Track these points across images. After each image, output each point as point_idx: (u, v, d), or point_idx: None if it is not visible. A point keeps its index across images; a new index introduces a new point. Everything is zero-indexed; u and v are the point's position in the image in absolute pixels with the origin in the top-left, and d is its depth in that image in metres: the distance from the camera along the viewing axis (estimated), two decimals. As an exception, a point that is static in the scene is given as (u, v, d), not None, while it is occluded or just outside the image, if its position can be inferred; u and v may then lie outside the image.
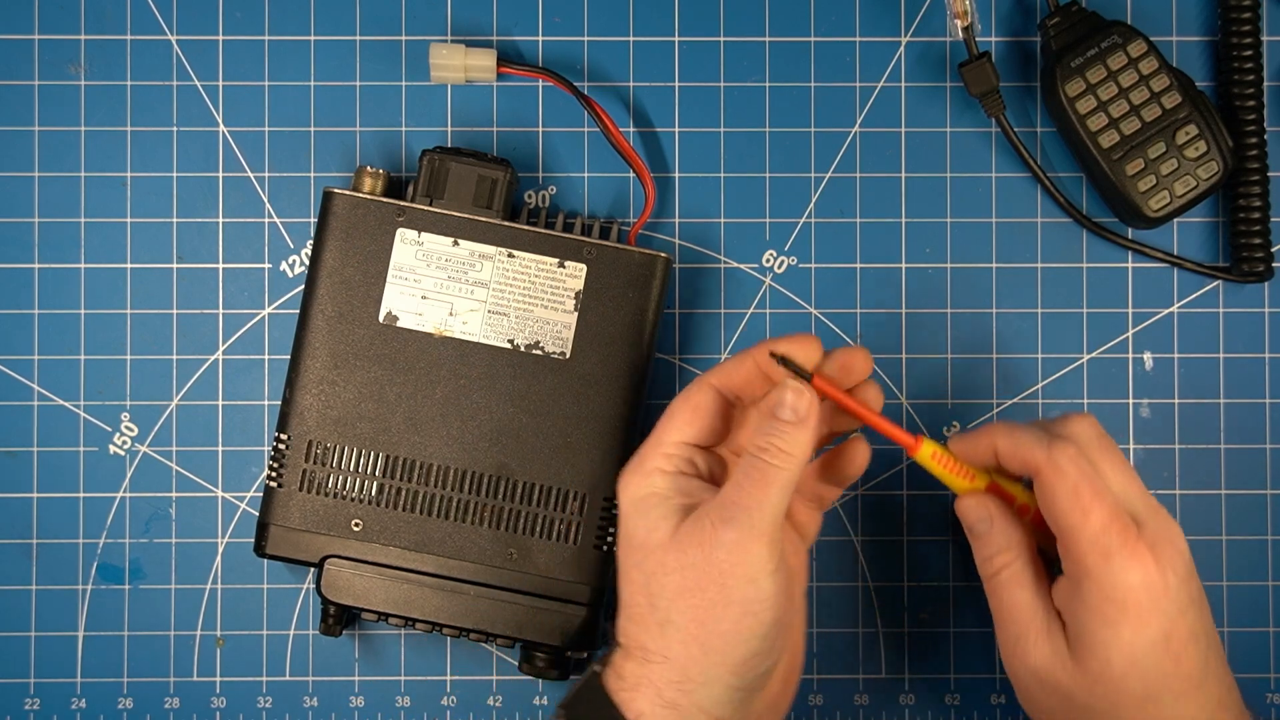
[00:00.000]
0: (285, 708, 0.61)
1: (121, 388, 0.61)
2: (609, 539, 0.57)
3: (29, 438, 0.60)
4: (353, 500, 0.56)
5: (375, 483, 0.56)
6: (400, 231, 0.56)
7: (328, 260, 0.56)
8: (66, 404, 0.61)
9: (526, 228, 0.57)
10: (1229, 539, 0.62)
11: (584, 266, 0.57)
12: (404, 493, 0.56)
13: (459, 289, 0.57)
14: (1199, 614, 0.49)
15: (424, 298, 0.56)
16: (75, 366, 0.60)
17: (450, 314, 0.57)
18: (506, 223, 0.57)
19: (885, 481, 0.62)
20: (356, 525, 0.56)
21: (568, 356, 0.57)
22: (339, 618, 0.57)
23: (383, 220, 0.56)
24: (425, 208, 0.57)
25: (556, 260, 0.57)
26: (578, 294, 0.57)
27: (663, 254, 0.57)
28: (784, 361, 0.49)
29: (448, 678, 0.61)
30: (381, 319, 0.56)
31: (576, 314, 0.57)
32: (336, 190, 0.57)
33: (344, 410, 0.56)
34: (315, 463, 0.56)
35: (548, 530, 0.56)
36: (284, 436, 0.56)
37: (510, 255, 0.57)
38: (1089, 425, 0.51)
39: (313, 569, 0.57)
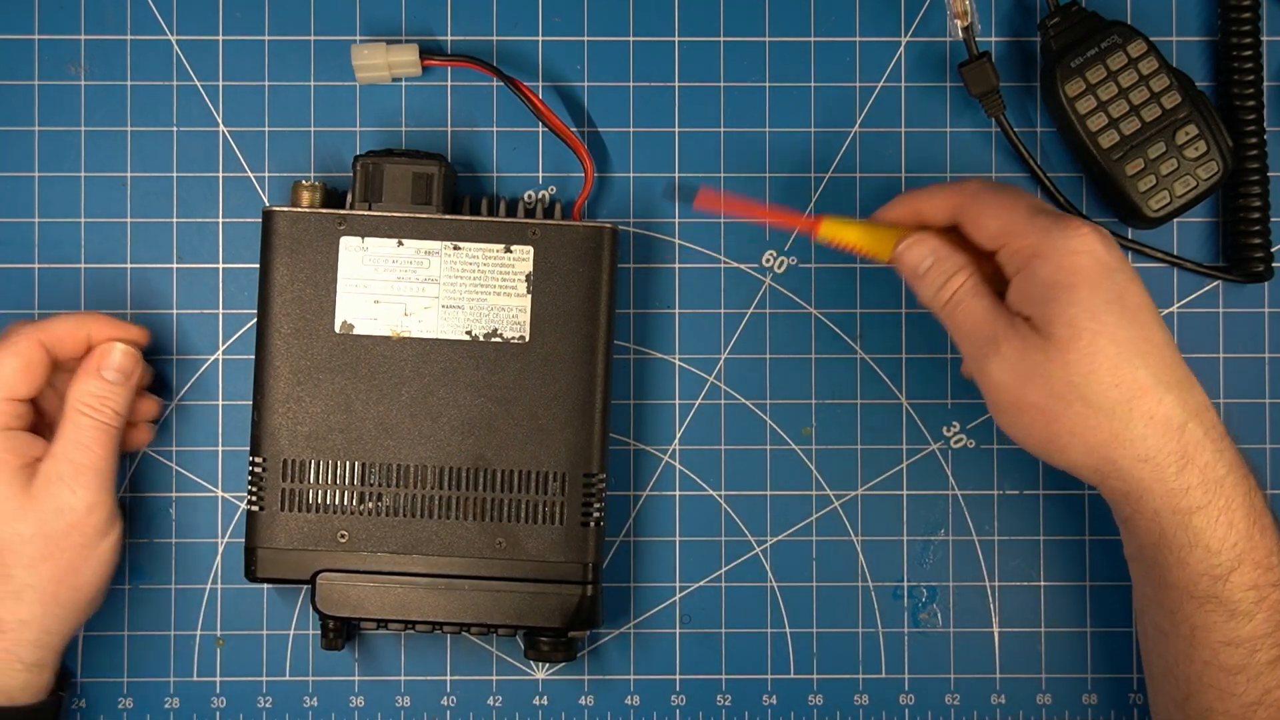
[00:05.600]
0: (285, 708, 0.61)
1: (121, 388, 0.60)
2: (595, 514, 0.57)
3: (29, 438, 0.60)
4: (336, 512, 0.56)
5: (355, 492, 0.56)
6: (344, 240, 0.56)
7: (276, 279, 0.56)
8: (66, 404, 0.60)
9: (468, 218, 0.57)
10: (1229, 539, 0.61)
11: (530, 248, 0.57)
12: (384, 498, 0.56)
13: (410, 288, 0.57)
14: (1144, 290, 0.52)
15: (376, 302, 0.57)
16: (75, 366, 0.60)
17: (405, 314, 0.57)
18: (447, 216, 0.57)
19: (885, 481, 0.62)
20: (343, 537, 0.56)
21: (527, 340, 0.57)
22: (339, 630, 0.57)
23: (325, 231, 0.57)
24: (364, 213, 0.57)
25: (502, 246, 0.57)
26: (528, 276, 0.57)
27: (608, 224, 0.57)
28: (672, 190, 0.50)
29: (447, 678, 0.61)
30: (338, 329, 0.56)
31: (530, 296, 0.57)
32: (276, 208, 0.57)
33: (314, 425, 0.56)
34: (294, 480, 0.56)
35: (533, 514, 0.56)
36: (259, 459, 0.56)
37: (456, 248, 0.57)
38: (979, 180, 0.55)
39: (304, 586, 0.58)
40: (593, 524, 0.57)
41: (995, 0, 0.62)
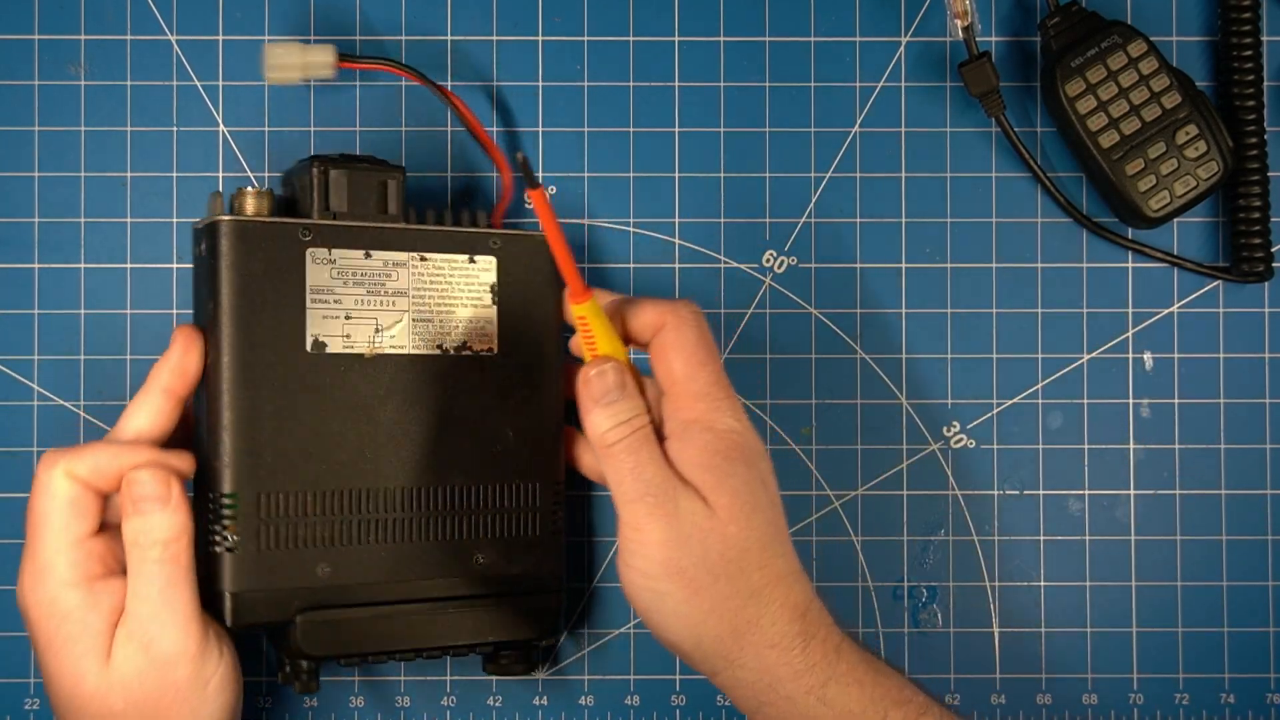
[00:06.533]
0: (285, 708, 0.61)
1: (121, 388, 0.60)
2: (560, 522, 0.56)
3: (29, 438, 0.60)
4: (316, 545, 0.52)
5: (336, 521, 0.52)
6: (310, 252, 0.52)
7: (232, 299, 0.51)
8: (66, 404, 0.61)
9: (433, 228, 0.55)
10: (1229, 539, 0.62)
11: (493, 259, 0.56)
12: (364, 525, 0.53)
13: (380, 302, 0.54)
14: (775, 479, 0.52)
15: (348, 318, 0.53)
16: (75, 366, 0.60)
17: (376, 330, 0.53)
18: (414, 226, 0.55)
19: (885, 481, 0.62)
20: (324, 570, 0.52)
21: (495, 351, 0.55)
22: (314, 672, 0.54)
23: (288, 242, 0.52)
24: (333, 222, 0.53)
25: (466, 256, 0.55)
26: (493, 287, 0.56)
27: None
28: (524, 164, 0.47)
29: (447, 678, 0.61)
30: (309, 348, 0.52)
31: (495, 307, 0.56)
32: (225, 218, 0.51)
33: (289, 453, 0.52)
34: (271, 514, 0.51)
35: (508, 528, 0.55)
36: (228, 495, 0.51)
37: (423, 259, 0.54)
38: (696, 308, 0.53)
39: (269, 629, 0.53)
40: (559, 532, 0.56)
41: (995, 0, 0.62)
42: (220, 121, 0.61)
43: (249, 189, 0.53)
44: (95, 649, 0.49)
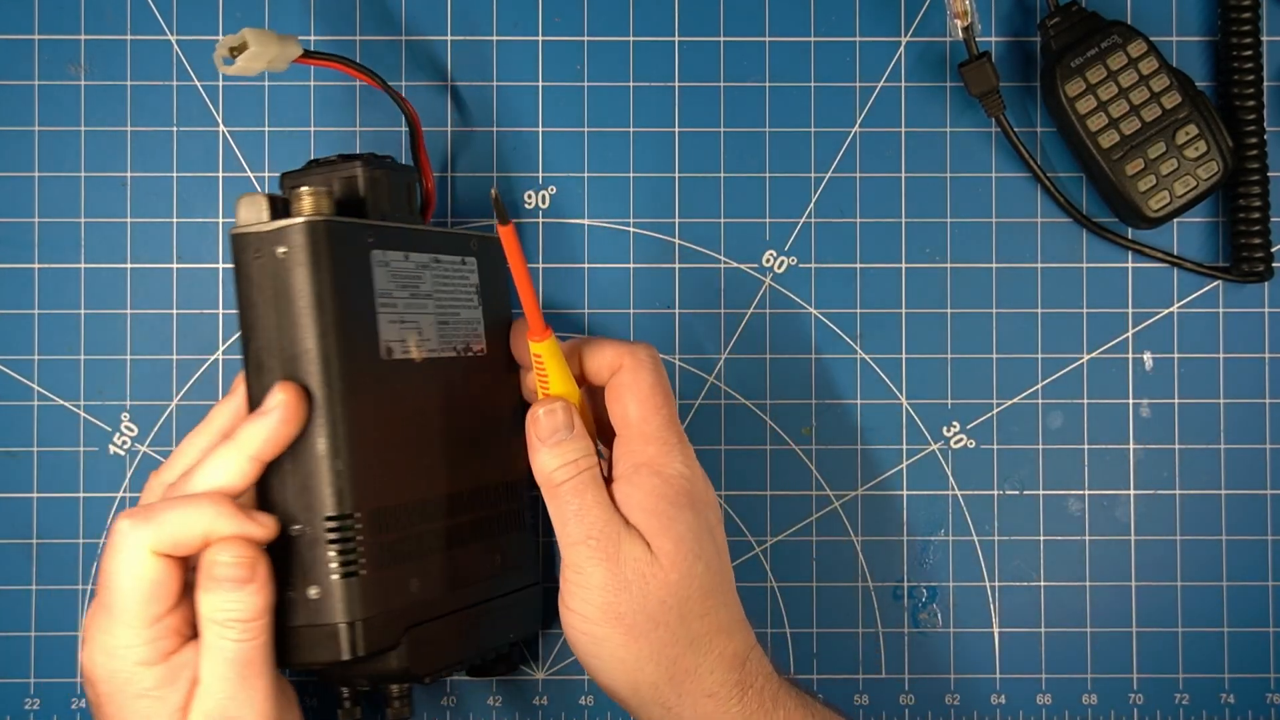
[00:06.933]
0: None
1: (121, 388, 0.61)
2: (537, 514, 0.57)
3: (29, 438, 0.61)
4: (408, 560, 0.50)
5: (425, 531, 0.51)
6: (374, 254, 0.50)
7: (332, 305, 0.48)
8: (66, 404, 0.61)
9: (436, 229, 0.55)
10: (1229, 539, 0.62)
11: (475, 259, 0.56)
12: (435, 533, 0.51)
13: (418, 304, 0.53)
14: (723, 528, 0.53)
15: (403, 322, 0.51)
16: (75, 366, 0.61)
17: (419, 333, 0.52)
18: (432, 228, 0.54)
19: (885, 481, 0.62)
20: (415, 585, 0.50)
21: (485, 352, 0.55)
22: (409, 695, 0.53)
23: (359, 246, 0.50)
24: (390, 224, 0.52)
25: (459, 258, 0.55)
26: (477, 287, 0.56)
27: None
28: (496, 201, 0.47)
29: (447, 677, 0.61)
30: (383, 354, 0.50)
31: (480, 308, 0.56)
32: (316, 218, 0.48)
33: (388, 464, 0.49)
34: (385, 532, 0.49)
35: (511, 524, 0.56)
36: (342, 517, 0.47)
37: (437, 260, 0.54)
38: (653, 350, 0.53)
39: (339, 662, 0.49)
40: (537, 525, 0.57)
41: (995, 0, 0.62)
42: (220, 121, 0.61)
43: (308, 189, 0.49)
44: None
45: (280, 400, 0.46)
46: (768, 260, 0.62)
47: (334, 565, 0.47)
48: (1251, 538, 0.62)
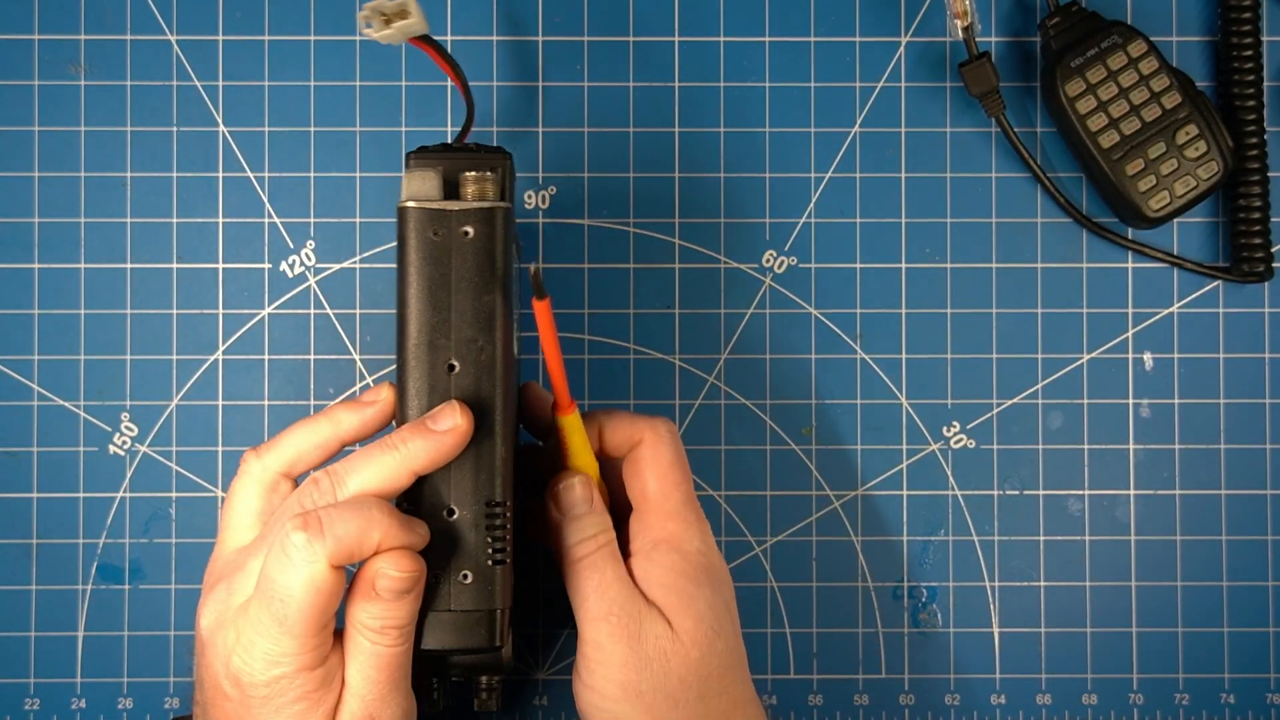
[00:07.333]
0: None
1: (121, 388, 0.61)
2: None
3: (29, 438, 0.61)
4: (517, 550, 0.50)
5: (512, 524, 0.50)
6: (513, 246, 0.50)
7: (506, 290, 0.48)
8: (66, 404, 0.61)
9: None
10: (1229, 539, 0.62)
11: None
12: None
13: (516, 303, 0.52)
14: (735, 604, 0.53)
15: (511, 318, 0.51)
16: (75, 366, 0.61)
17: (517, 330, 0.52)
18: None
19: (885, 481, 0.62)
20: (513, 577, 0.50)
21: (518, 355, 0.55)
22: (498, 687, 0.53)
23: (511, 236, 0.49)
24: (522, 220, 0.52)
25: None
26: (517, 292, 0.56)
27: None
28: (535, 277, 0.45)
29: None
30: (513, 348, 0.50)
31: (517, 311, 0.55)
32: (499, 204, 0.48)
33: (511, 456, 0.49)
34: (517, 520, 0.49)
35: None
36: (499, 505, 0.47)
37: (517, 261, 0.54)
38: (672, 425, 0.53)
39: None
40: None
41: (995, 0, 0.62)
42: (220, 121, 0.61)
43: (477, 173, 0.48)
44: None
45: (454, 426, 0.46)
46: (768, 260, 0.62)
47: (490, 551, 0.47)
48: (1251, 538, 0.62)
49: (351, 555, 0.45)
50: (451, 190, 0.49)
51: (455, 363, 0.47)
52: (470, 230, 0.47)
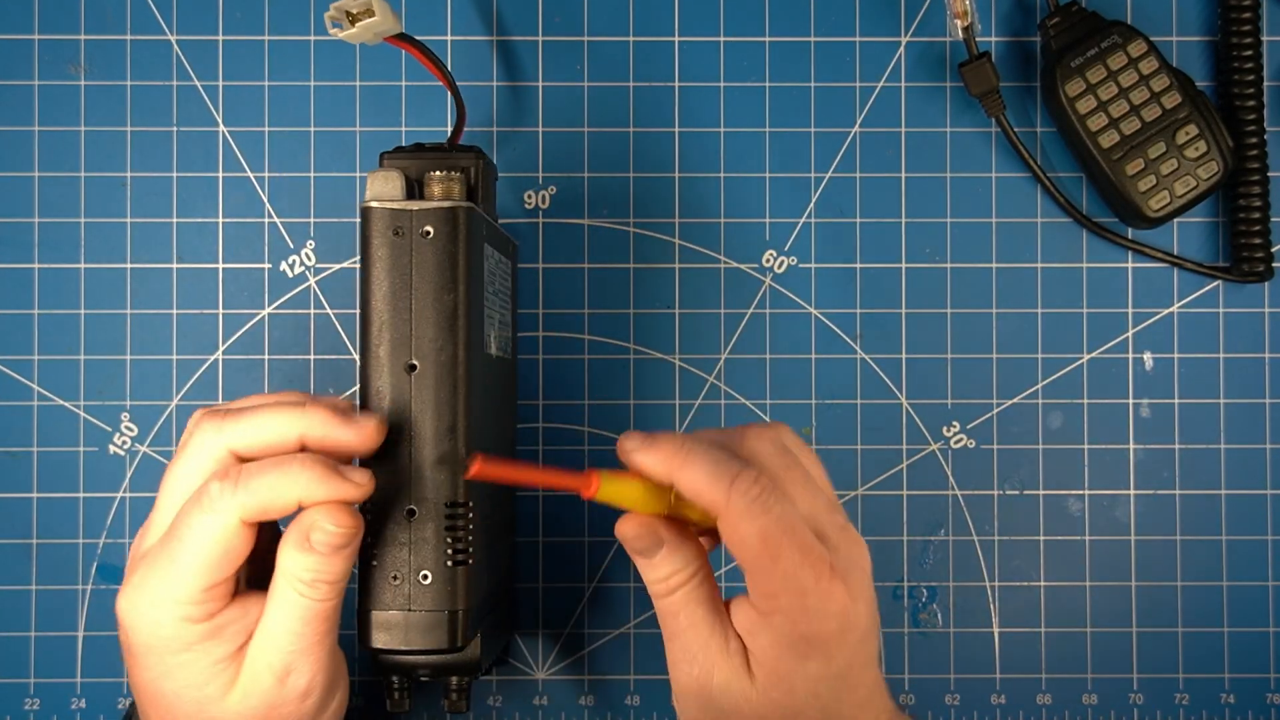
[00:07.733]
0: None
1: (121, 388, 0.61)
2: None
3: (29, 438, 0.61)
4: (489, 550, 0.50)
5: (494, 523, 0.50)
6: (485, 246, 0.50)
7: (468, 290, 0.47)
8: (66, 404, 0.61)
9: (499, 225, 0.54)
10: (1229, 539, 0.62)
11: (509, 261, 0.56)
12: (497, 525, 0.52)
13: (492, 300, 0.52)
14: (876, 635, 0.47)
15: (489, 317, 0.51)
16: (75, 366, 0.61)
17: (496, 328, 0.52)
18: (497, 224, 0.54)
19: (885, 481, 0.62)
20: (487, 576, 0.50)
21: (511, 357, 0.56)
22: (468, 689, 0.53)
23: (479, 235, 0.49)
24: (489, 219, 0.51)
25: (505, 258, 0.55)
26: (511, 290, 0.56)
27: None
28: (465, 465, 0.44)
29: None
30: (484, 347, 0.50)
31: (512, 311, 0.56)
32: (461, 204, 0.47)
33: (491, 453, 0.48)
34: (483, 523, 0.49)
35: (511, 519, 0.56)
36: (462, 505, 0.47)
37: (500, 259, 0.54)
38: (769, 440, 0.47)
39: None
40: None
41: (995, 0, 0.62)
42: (220, 121, 0.61)
43: (442, 173, 0.49)
44: (220, 676, 0.46)
45: (363, 426, 0.45)
46: (768, 260, 0.62)
47: (449, 552, 0.47)
48: (1251, 538, 0.62)
49: (266, 512, 0.44)
50: (419, 190, 0.49)
51: (415, 362, 0.47)
52: (431, 230, 0.47)
